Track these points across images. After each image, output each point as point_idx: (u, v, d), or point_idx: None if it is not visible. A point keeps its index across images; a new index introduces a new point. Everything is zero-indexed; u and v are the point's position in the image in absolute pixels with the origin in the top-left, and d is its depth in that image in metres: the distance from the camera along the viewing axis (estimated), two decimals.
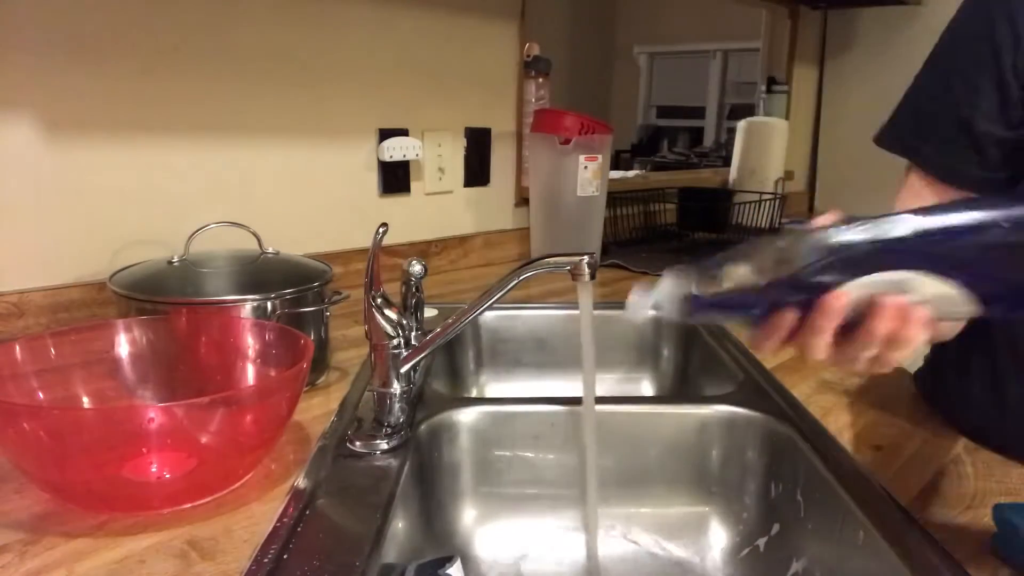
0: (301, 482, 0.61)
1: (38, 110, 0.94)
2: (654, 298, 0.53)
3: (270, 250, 0.88)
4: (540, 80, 1.53)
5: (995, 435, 0.72)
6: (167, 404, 0.57)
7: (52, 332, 0.69)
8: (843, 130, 2.33)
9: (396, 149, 1.30)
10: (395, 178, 1.33)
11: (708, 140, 4.01)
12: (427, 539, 0.72)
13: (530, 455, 0.77)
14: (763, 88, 2.24)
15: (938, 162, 0.71)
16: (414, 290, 0.80)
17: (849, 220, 0.48)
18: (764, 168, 1.98)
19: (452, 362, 1.07)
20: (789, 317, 0.50)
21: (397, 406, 0.70)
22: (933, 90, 0.73)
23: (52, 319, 0.96)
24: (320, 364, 0.86)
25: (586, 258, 0.64)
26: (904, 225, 0.46)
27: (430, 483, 0.74)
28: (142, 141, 1.03)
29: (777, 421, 0.75)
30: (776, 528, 0.72)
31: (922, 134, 0.73)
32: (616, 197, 1.64)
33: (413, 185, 1.37)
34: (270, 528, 0.54)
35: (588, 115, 1.40)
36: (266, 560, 0.50)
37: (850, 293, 0.48)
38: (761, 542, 0.74)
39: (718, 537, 0.77)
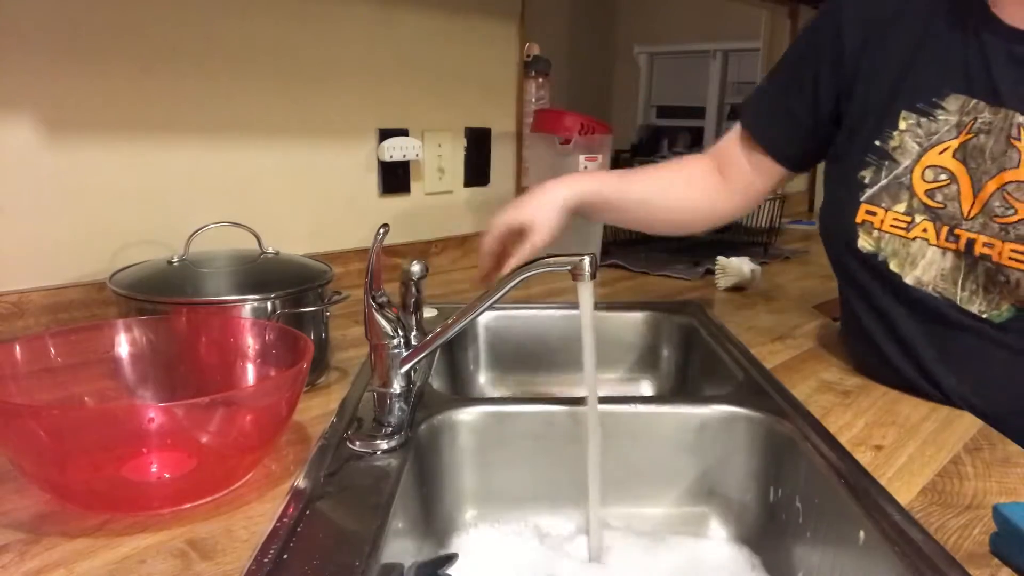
0: (301, 482, 0.61)
1: (38, 110, 0.94)
2: None
3: (270, 250, 0.88)
4: (540, 80, 1.53)
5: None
6: (167, 404, 0.57)
7: (52, 332, 0.69)
8: None
9: (396, 149, 1.30)
10: (395, 178, 1.33)
11: (708, 140, 4.01)
12: (427, 539, 0.72)
13: (530, 455, 0.77)
14: None
15: (763, 133, 0.93)
16: (414, 290, 0.80)
17: None
18: None
19: (452, 362, 1.07)
20: None
21: (397, 406, 0.70)
22: (773, 78, 0.94)
23: (52, 319, 0.96)
24: (320, 364, 0.86)
25: (586, 258, 0.64)
26: None
27: (430, 483, 0.74)
28: (142, 141, 1.03)
29: (777, 421, 0.75)
30: (776, 528, 0.72)
31: (758, 111, 0.95)
32: None
33: (413, 185, 1.37)
34: (270, 528, 0.54)
35: (588, 115, 1.40)
36: (266, 560, 0.50)
37: None
38: (761, 541, 0.74)
39: (718, 537, 0.77)
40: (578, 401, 0.75)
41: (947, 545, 0.54)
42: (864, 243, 0.81)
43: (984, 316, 0.74)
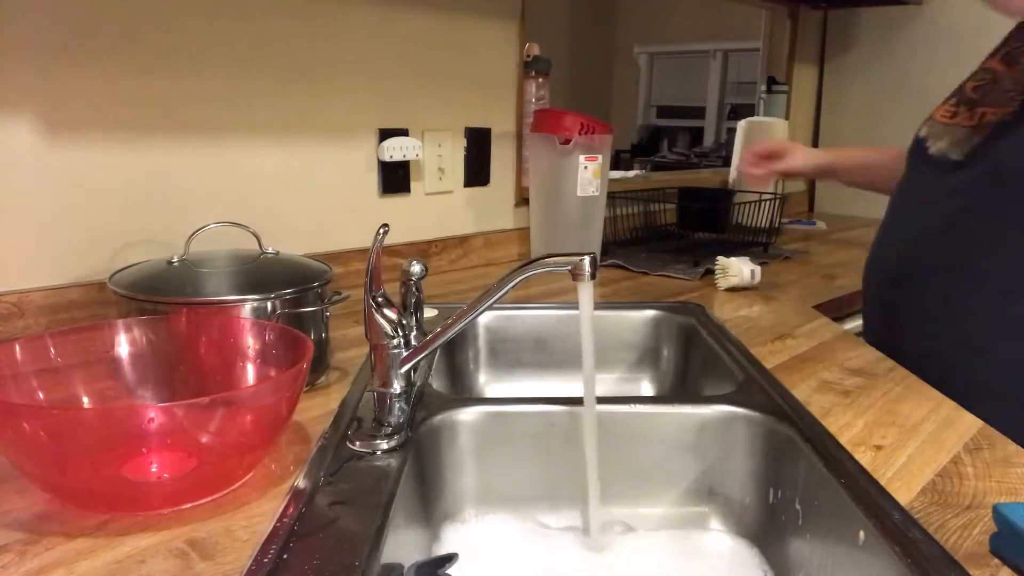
0: (301, 482, 0.61)
1: (38, 110, 0.94)
2: None
3: (270, 250, 0.88)
4: (540, 80, 1.53)
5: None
6: (167, 404, 0.57)
7: (52, 332, 0.69)
8: (843, 130, 2.33)
9: (396, 149, 1.30)
10: (395, 178, 1.33)
11: (708, 140, 4.01)
12: (427, 539, 0.72)
13: (530, 455, 0.77)
14: (763, 88, 2.23)
15: None
16: (414, 290, 0.80)
17: None
18: None
19: (452, 362, 1.07)
20: None
21: (397, 406, 0.70)
22: None
23: (52, 319, 0.96)
24: (320, 364, 0.86)
25: (586, 258, 0.64)
26: None
27: (430, 483, 0.74)
28: (142, 141, 1.03)
29: (777, 421, 0.75)
30: (776, 527, 0.72)
31: None
32: (616, 197, 1.64)
33: (413, 185, 1.37)
34: (270, 528, 0.54)
35: (588, 115, 1.40)
36: (266, 560, 0.50)
37: None
38: (761, 541, 0.74)
39: (718, 537, 0.77)
40: (578, 401, 0.75)
41: (947, 545, 0.54)
42: (921, 130, 1.05)
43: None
